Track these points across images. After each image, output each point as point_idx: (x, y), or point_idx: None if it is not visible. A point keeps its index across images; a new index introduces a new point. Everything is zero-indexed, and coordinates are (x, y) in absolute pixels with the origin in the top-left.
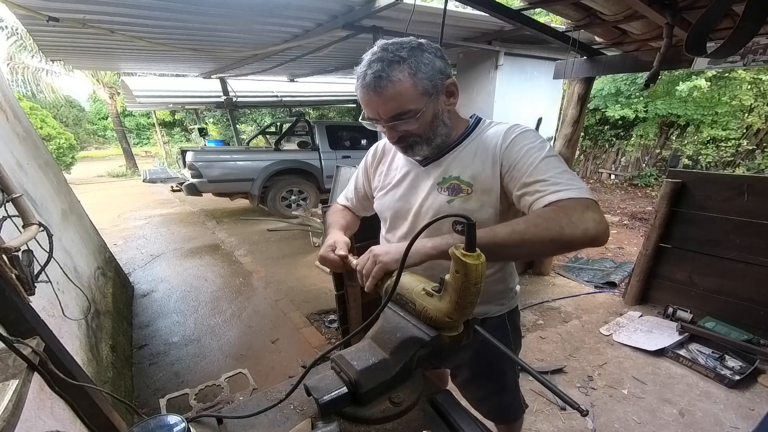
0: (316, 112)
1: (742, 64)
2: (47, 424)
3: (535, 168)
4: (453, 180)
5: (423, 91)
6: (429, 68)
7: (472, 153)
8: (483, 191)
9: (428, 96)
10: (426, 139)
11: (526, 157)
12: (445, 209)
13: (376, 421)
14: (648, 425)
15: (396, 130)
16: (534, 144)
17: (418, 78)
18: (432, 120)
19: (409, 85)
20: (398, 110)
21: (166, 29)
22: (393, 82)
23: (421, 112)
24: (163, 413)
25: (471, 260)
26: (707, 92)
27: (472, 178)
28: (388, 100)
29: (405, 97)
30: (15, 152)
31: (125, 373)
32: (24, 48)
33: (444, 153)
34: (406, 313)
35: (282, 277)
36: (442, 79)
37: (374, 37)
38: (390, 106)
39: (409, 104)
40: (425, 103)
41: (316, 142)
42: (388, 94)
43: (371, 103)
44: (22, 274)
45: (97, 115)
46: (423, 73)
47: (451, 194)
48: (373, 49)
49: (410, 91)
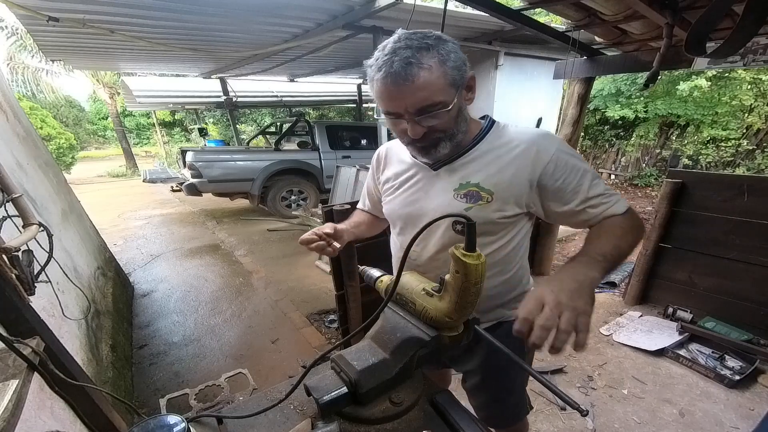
0: (316, 112)
1: (742, 64)
2: (47, 424)
3: (592, 184)
4: (472, 186)
5: (452, 82)
6: (457, 58)
7: (492, 158)
8: (505, 200)
9: (456, 88)
10: (450, 135)
11: (575, 173)
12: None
13: (376, 421)
14: (648, 425)
15: (421, 125)
16: (574, 156)
17: (448, 67)
18: (457, 114)
19: (440, 74)
20: (428, 102)
21: (166, 29)
22: (424, 69)
23: (452, 105)
24: (163, 413)
25: (471, 260)
26: (707, 92)
27: (493, 186)
28: (417, 90)
29: (435, 87)
30: (15, 152)
31: (125, 373)
32: (24, 48)
33: (457, 156)
34: (406, 313)
35: (282, 277)
36: (466, 71)
37: (374, 37)
38: (419, 96)
39: (438, 95)
40: (454, 96)
41: (316, 142)
42: (419, 82)
43: (398, 93)
44: (22, 274)
45: (97, 115)
46: (452, 62)
47: (469, 201)
48: (393, 38)
49: (440, 81)
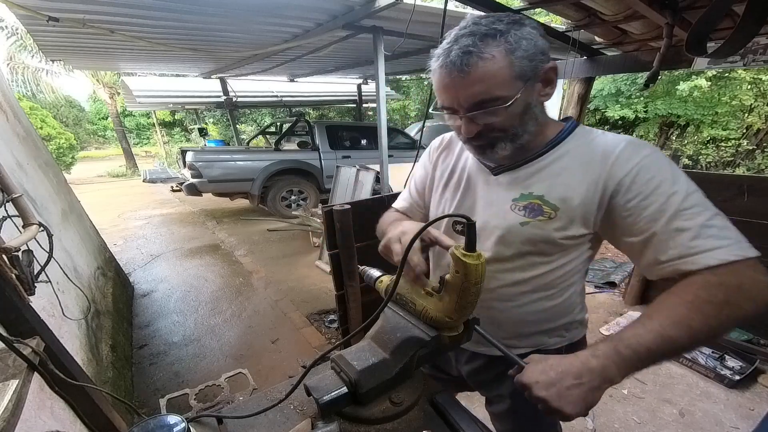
0: (316, 112)
1: (742, 64)
2: (47, 424)
3: (682, 210)
4: (534, 199)
5: (519, 74)
6: (531, 45)
7: (565, 167)
8: (570, 218)
9: (523, 81)
10: (511, 135)
11: (660, 194)
12: (516, 232)
13: (376, 421)
14: (648, 425)
15: (476, 122)
16: (669, 172)
17: (515, 57)
18: (523, 112)
19: (504, 65)
20: (484, 96)
21: (166, 29)
22: (484, 59)
23: (512, 101)
24: (163, 413)
25: (471, 260)
26: (707, 92)
27: (560, 200)
28: (473, 83)
29: (495, 80)
30: (15, 152)
31: (125, 373)
32: (24, 48)
33: (525, 161)
34: (407, 313)
35: (282, 277)
36: (542, 62)
37: (374, 37)
38: (475, 90)
39: (498, 89)
40: (518, 90)
41: (316, 142)
42: (475, 74)
43: (452, 86)
44: (22, 274)
45: (97, 115)
46: (523, 51)
47: (528, 215)
48: (461, 23)
49: (503, 73)
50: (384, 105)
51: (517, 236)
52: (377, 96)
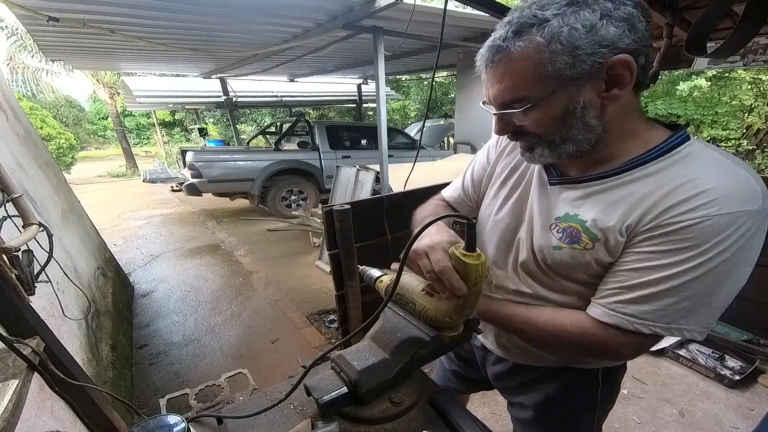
0: (316, 112)
1: (742, 64)
2: (47, 424)
3: (668, 300)
4: (576, 223)
5: (552, 73)
6: (579, 36)
7: (636, 191)
8: (612, 254)
9: (560, 80)
10: (548, 142)
11: (672, 265)
12: (548, 254)
13: (376, 421)
14: (648, 425)
15: (504, 122)
16: (741, 255)
17: (550, 50)
18: (562, 117)
19: (531, 61)
20: (508, 96)
21: (166, 29)
22: (509, 55)
23: (535, 104)
24: (163, 413)
25: (471, 260)
26: (707, 92)
27: (602, 232)
28: (499, 79)
29: (519, 79)
30: (15, 152)
31: (125, 373)
32: (24, 48)
33: (594, 178)
34: (407, 313)
35: (282, 277)
36: (601, 56)
37: (374, 37)
38: (500, 88)
39: (522, 89)
40: (550, 90)
41: (316, 142)
42: (500, 71)
43: (485, 80)
44: (22, 274)
45: (97, 115)
46: (564, 43)
47: (564, 240)
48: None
49: (528, 71)
50: (384, 105)
51: (547, 258)
52: (377, 96)
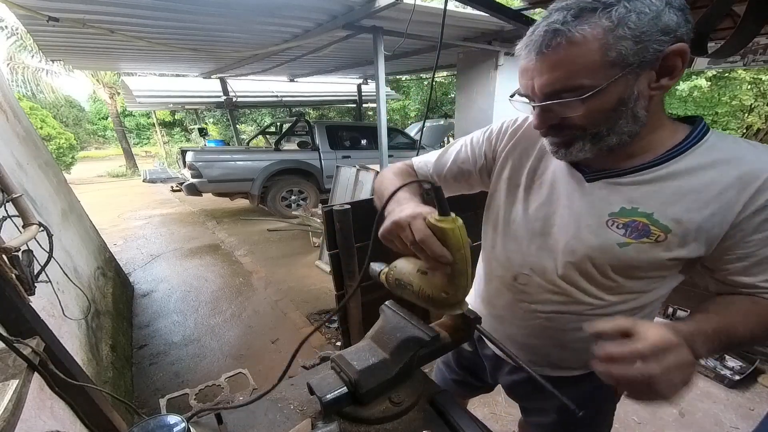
0: (316, 112)
1: (742, 64)
2: (47, 424)
3: None
4: (640, 216)
5: (616, 60)
6: (645, 21)
7: (689, 184)
8: (684, 244)
9: (622, 68)
10: (592, 135)
11: None
12: (610, 254)
13: (376, 421)
14: (648, 425)
15: (548, 114)
16: None
17: (616, 35)
18: (614, 108)
19: (595, 47)
20: (562, 84)
21: (166, 29)
22: (571, 39)
23: (595, 92)
24: (163, 413)
25: (447, 224)
26: (707, 92)
27: (674, 222)
28: (552, 67)
29: (579, 65)
30: (15, 152)
31: (125, 373)
32: (24, 48)
33: (632, 170)
34: (412, 294)
35: (282, 277)
36: (662, 44)
37: (374, 37)
38: (552, 76)
39: (581, 76)
40: (610, 79)
41: (316, 142)
42: (556, 57)
43: (530, 69)
44: (22, 274)
45: (97, 115)
46: (630, 28)
47: (630, 235)
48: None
49: (592, 57)
50: (384, 105)
51: (609, 258)
52: (377, 96)
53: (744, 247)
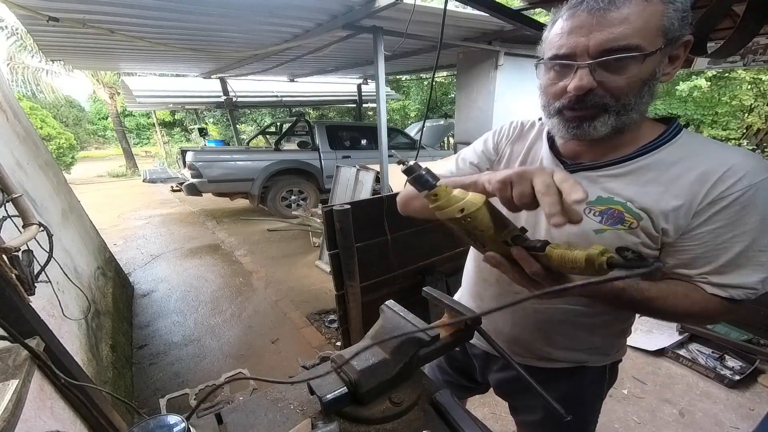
0: (316, 112)
1: (742, 64)
2: (47, 424)
3: (752, 256)
4: (615, 205)
5: (665, 30)
6: (688, 4)
7: (661, 177)
8: (656, 231)
9: (665, 40)
10: (621, 107)
11: (747, 233)
12: (589, 241)
13: (376, 421)
14: (648, 425)
15: (597, 74)
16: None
17: (671, 7)
18: (646, 79)
19: (656, 11)
20: (623, 41)
21: (166, 29)
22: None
23: (650, 54)
24: (163, 413)
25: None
26: (707, 92)
27: (646, 210)
28: (618, 21)
29: (642, 25)
30: (15, 152)
31: (125, 373)
32: (24, 48)
33: (611, 163)
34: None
35: (282, 277)
36: (684, 29)
37: (374, 37)
38: (615, 31)
39: (641, 37)
40: (658, 47)
41: (316, 142)
42: (624, 12)
43: (587, 25)
44: (22, 274)
45: (97, 115)
46: (682, 2)
47: (606, 222)
48: None
49: (654, 21)
50: (384, 105)
51: (586, 244)
52: (377, 96)
53: (693, 239)
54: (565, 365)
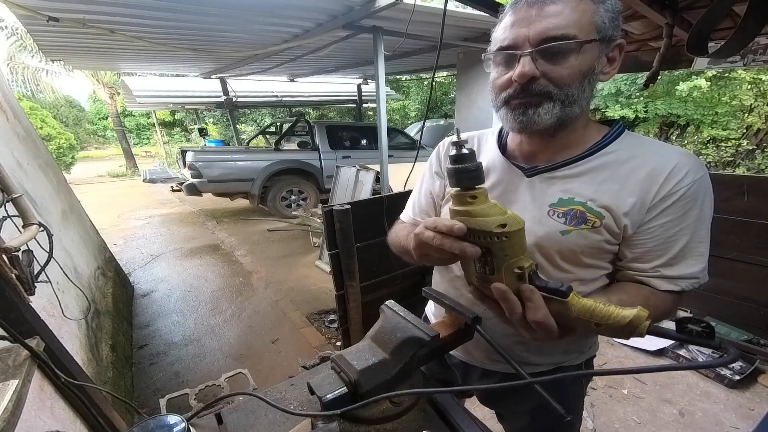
0: (316, 112)
1: (742, 64)
2: (47, 424)
3: (692, 249)
4: (576, 205)
5: (598, 26)
6: (615, 7)
7: (614, 174)
8: (618, 229)
9: (598, 35)
10: (563, 97)
11: (689, 227)
12: (555, 240)
13: (376, 421)
14: (648, 425)
15: (536, 64)
16: (708, 205)
17: (602, 7)
18: (584, 74)
19: (586, 9)
20: (559, 30)
21: (166, 29)
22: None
23: (583, 45)
24: (163, 413)
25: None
26: (707, 92)
27: (606, 209)
28: (552, 14)
29: (574, 17)
30: (15, 152)
31: (125, 373)
32: (24, 48)
33: (565, 164)
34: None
35: (282, 277)
36: (616, 30)
37: (374, 37)
38: (549, 23)
39: (575, 28)
40: (592, 38)
41: (316, 142)
42: (559, 5)
43: (526, 18)
44: (22, 274)
45: (97, 115)
46: (610, 6)
47: (570, 223)
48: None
49: (585, 15)
50: (384, 105)
51: (554, 245)
52: (377, 96)
53: (646, 233)
54: (543, 368)
